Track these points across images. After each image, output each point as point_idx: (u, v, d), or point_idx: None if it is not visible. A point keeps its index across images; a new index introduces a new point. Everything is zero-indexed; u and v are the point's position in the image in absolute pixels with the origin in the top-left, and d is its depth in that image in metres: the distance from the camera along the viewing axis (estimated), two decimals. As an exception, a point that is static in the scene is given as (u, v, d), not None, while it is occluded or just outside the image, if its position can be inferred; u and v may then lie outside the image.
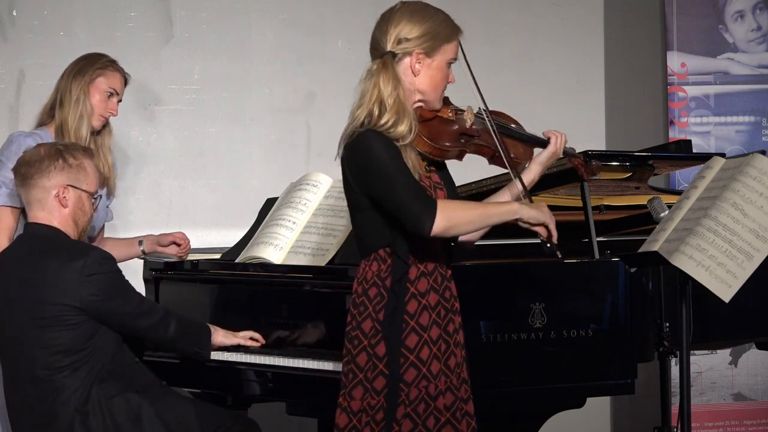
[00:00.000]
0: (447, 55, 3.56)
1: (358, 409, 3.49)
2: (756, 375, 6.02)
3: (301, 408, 4.43)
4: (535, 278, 4.00)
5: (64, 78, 4.55)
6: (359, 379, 3.50)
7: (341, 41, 6.14)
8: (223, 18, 5.99)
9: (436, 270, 3.54)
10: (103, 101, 4.52)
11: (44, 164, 3.98)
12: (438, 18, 3.55)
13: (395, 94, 3.48)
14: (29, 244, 4.01)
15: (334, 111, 6.09)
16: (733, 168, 3.66)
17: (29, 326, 3.90)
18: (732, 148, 6.04)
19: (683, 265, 3.52)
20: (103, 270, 3.92)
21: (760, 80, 6.13)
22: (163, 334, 4.06)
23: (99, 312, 3.91)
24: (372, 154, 3.45)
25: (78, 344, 3.89)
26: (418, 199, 3.43)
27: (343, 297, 4.11)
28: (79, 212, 4.02)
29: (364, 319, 3.52)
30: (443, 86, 3.59)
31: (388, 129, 3.46)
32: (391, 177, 3.43)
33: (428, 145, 3.56)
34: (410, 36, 3.51)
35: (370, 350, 3.49)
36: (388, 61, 3.51)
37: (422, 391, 3.47)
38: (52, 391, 3.88)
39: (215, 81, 5.96)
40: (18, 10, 5.72)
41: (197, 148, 5.87)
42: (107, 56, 4.60)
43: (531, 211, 3.55)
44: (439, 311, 3.52)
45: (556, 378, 3.95)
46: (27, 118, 5.73)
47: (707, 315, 4.17)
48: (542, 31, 6.32)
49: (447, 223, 3.42)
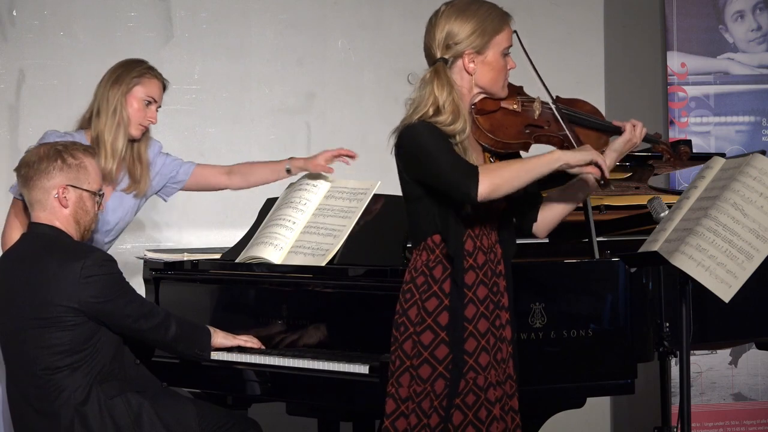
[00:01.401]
0: (500, 47, 3.57)
1: (405, 396, 3.52)
2: (756, 375, 6.02)
3: (301, 408, 4.43)
4: (535, 278, 3.99)
5: (101, 86, 4.50)
6: (406, 366, 3.53)
7: (341, 41, 6.14)
8: (223, 18, 5.99)
9: (486, 264, 3.55)
10: (141, 110, 4.48)
11: (43, 165, 3.98)
12: (481, 12, 3.55)
13: (450, 99, 3.51)
14: (32, 244, 4.01)
15: (334, 111, 6.11)
16: (733, 168, 3.66)
17: (30, 326, 3.90)
18: (732, 148, 6.04)
19: (683, 265, 3.52)
20: (103, 272, 3.92)
21: (760, 80, 6.13)
22: (163, 335, 4.06)
23: (98, 314, 3.91)
24: (417, 137, 3.48)
25: (77, 345, 3.90)
26: (460, 170, 3.43)
27: (344, 297, 4.11)
28: (81, 211, 4.02)
29: (410, 306, 3.54)
30: (504, 76, 3.60)
31: (444, 125, 3.50)
32: (433, 154, 3.45)
33: (489, 138, 3.58)
34: (458, 39, 3.53)
35: (416, 338, 3.51)
36: (440, 67, 3.54)
37: (470, 382, 3.49)
38: (53, 391, 3.89)
39: (215, 81, 5.96)
40: (18, 10, 5.72)
41: (197, 148, 5.87)
42: (145, 63, 4.55)
43: (576, 155, 3.50)
44: (487, 305, 3.54)
45: (556, 378, 3.95)
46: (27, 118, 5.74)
47: (707, 315, 4.17)
48: (542, 31, 6.32)
49: (492, 184, 3.40)
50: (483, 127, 3.57)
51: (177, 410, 4.02)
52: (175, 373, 4.36)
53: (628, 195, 4.77)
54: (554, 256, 4.48)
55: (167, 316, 4.08)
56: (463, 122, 3.51)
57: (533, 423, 3.94)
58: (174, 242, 5.91)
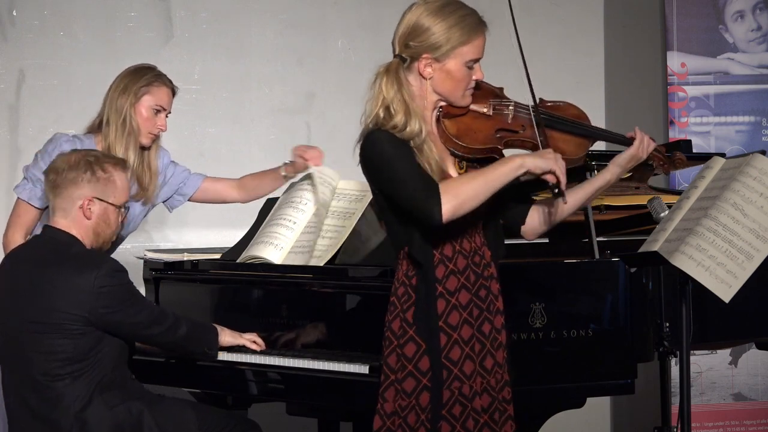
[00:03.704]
0: (463, 58, 3.41)
1: (391, 411, 3.43)
2: (756, 375, 6.02)
3: (301, 408, 4.43)
4: (535, 278, 3.99)
5: (110, 94, 4.47)
6: (391, 380, 3.43)
7: (341, 41, 6.14)
8: (223, 18, 5.99)
9: (468, 268, 3.44)
10: (150, 119, 4.46)
11: (71, 174, 3.95)
12: (453, 18, 3.39)
13: (399, 97, 3.37)
14: (43, 247, 4.00)
15: (334, 111, 6.11)
16: (733, 168, 3.66)
17: (29, 329, 3.89)
18: (732, 148, 6.04)
19: (683, 265, 3.52)
20: (114, 282, 3.91)
21: (760, 80, 6.13)
22: (173, 337, 4.06)
23: (108, 323, 3.90)
24: (377, 149, 3.34)
25: (80, 354, 3.88)
26: (421, 189, 3.28)
27: (344, 297, 4.11)
28: (103, 224, 4.00)
29: (394, 318, 3.44)
30: (463, 87, 3.43)
31: (399, 131, 3.36)
32: (394, 171, 3.31)
33: (455, 144, 3.42)
34: (419, 40, 3.39)
35: (399, 351, 3.41)
36: (394, 65, 3.42)
37: (455, 392, 3.39)
38: (53, 398, 3.87)
39: (215, 81, 5.96)
40: (18, 10, 5.72)
41: (197, 148, 5.87)
42: (153, 69, 4.51)
43: (536, 160, 3.33)
44: (471, 311, 3.43)
45: (556, 378, 3.95)
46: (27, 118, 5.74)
47: (707, 315, 4.17)
48: (542, 31, 6.32)
49: (454, 205, 3.27)
50: (449, 131, 3.42)
51: (176, 415, 4.01)
52: (175, 373, 4.36)
53: (628, 195, 4.77)
54: (554, 256, 4.48)
55: (177, 317, 4.08)
56: (417, 123, 3.35)
57: (533, 423, 3.93)
58: (174, 242, 5.91)
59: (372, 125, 3.40)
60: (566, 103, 3.64)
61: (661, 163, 3.73)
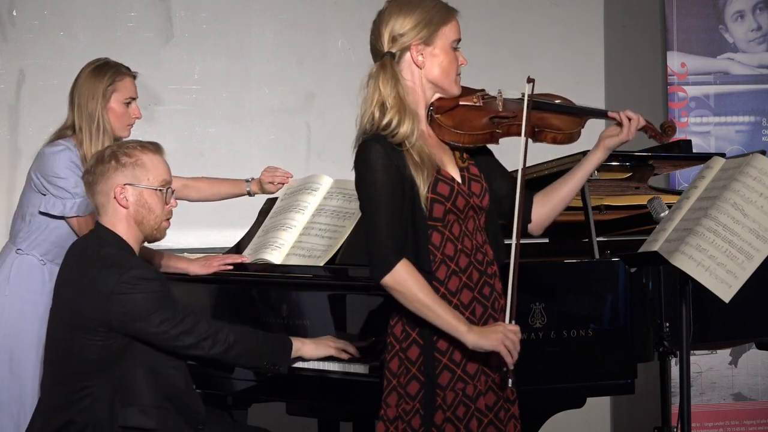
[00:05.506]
0: (447, 39, 3.46)
1: (394, 416, 3.41)
2: (756, 375, 6.02)
3: (301, 408, 4.43)
4: (535, 278, 3.99)
5: (76, 101, 4.46)
6: (393, 385, 3.42)
7: (341, 41, 6.14)
8: (223, 18, 5.99)
9: (471, 266, 3.44)
10: (124, 113, 4.48)
11: (99, 168, 3.88)
12: (425, 4, 3.45)
13: (394, 93, 3.40)
14: (83, 243, 3.92)
15: (334, 111, 6.11)
16: (733, 168, 3.66)
17: (63, 322, 3.80)
18: (732, 148, 6.04)
19: (683, 265, 3.52)
20: (136, 290, 3.73)
21: (760, 80, 6.13)
22: (209, 350, 3.81)
23: (129, 331, 3.73)
24: (369, 177, 3.38)
25: (105, 361, 3.74)
26: (386, 247, 3.32)
27: (344, 297, 4.11)
28: (143, 210, 3.85)
29: (396, 322, 3.44)
30: (454, 70, 3.48)
31: (391, 132, 3.37)
32: (375, 212, 3.35)
33: (454, 134, 3.46)
34: (403, 30, 3.43)
35: (402, 354, 3.40)
36: (387, 61, 3.44)
37: (459, 393, 3.39)
38: (75, 398, 3.76)
39: (215, 81, 5.96)
40: (18, 10, 5.72)
41: (197, 148, 5.87)
42: (110, 65, 4.50)
43: (479, 340, 3.34)
44: (474, 309, 3.43)
45: (556, 378, 3.95)
46: (27, 118, 5.74)
47: (707, 315, 4.17)
48: (542, 31, 6.32)
49: (394, 285, 3.32)
50: (446, 124, 3.46)
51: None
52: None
53: (628, 195, 4.78)
54: (554, 256, 4.48)
55: (218, 329, 3.83)
56: (410, 123, 3.38)
57: (533, 423, 3.93)
58: (174, 242, 5.90)
59: (368, 126, 3.43)
60: (553, 95, 3.67)
61: (654, 134, 3.69)
